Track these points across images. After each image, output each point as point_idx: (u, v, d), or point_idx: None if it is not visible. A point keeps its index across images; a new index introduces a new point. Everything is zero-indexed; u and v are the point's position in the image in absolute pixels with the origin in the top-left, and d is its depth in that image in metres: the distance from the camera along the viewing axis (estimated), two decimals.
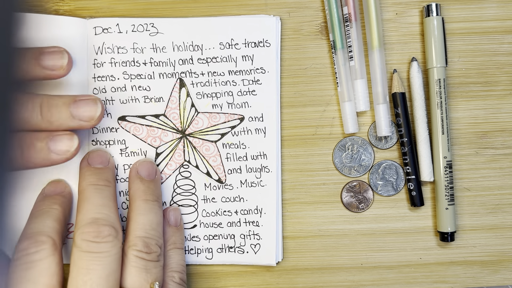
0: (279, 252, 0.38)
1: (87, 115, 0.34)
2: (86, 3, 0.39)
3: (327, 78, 0.39)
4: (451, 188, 0.38)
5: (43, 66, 0.34)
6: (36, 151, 0.33)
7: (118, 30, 0.38)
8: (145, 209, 0.35)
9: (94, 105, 0.34)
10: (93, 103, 0.34)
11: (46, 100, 0.33)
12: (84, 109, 0.34)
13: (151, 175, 0.37)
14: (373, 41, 0.38)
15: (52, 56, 0.34)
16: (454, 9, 0.39)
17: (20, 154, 0.33)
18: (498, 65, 0.39)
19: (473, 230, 0.39)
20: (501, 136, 0.39)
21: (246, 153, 0.38)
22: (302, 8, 0.39)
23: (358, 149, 0.39)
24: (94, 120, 0.34)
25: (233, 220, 0.38)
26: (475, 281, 0.39)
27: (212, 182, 0.38)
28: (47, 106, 0.33)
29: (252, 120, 0.38)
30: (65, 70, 0.34)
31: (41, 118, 0.33)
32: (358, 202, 0.39)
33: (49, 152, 0.33)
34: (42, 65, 0.34)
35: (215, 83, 0.38)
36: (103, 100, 0.38)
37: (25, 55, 0.33)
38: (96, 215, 0.33)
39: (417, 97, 0.38)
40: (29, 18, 0.37)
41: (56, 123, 0.33)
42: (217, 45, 0.38)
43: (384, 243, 0.39)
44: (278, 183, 0.38)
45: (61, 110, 0.33)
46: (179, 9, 0.39)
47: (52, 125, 0.33)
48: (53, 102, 0.33)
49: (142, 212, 0.35)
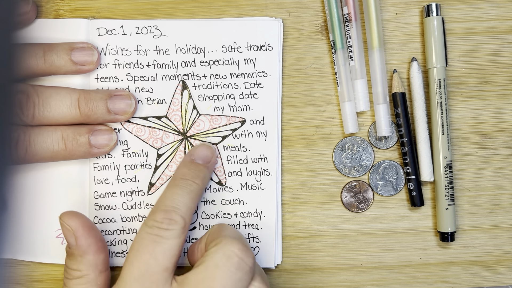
0: (278, 255, 0.38)
1: (122, 109, 0.36)
2: (87, 3, 0.39)
3: (327, 78, 0.39)
4: (451, 188, 0.38)
5: (74, 62, 0.36)
6: (78, 145, 0.35)
7: (122, 32, 0.38)
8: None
9: (128, 100, 0.37)
10: (127, 98, 0.37)
11: (83, 95, 0.36)
12: (119, 104, 0.36)
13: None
14: (373, 41, 0.38)
15: (83, 52, 0.36)
16: (454, 9, 0.39)
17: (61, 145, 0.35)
18: (498, 65, 0.39)
19: (473, 230, 0.39)
20: (501, 136, 0.39)
21: (246, 156, 0.38)
22: (302, 8, 0.39)
23: (358, 149, 0.39)
24: (128, 114, 0.37)
25: (233, 223, 0.38)
26: (475, 281, 0.39)
27: (212, 184, 0.38)
28: (84, 100, 0.35)
29: (253, 123, 0.38)
30: (94, 66, 0.37)
31: (79, 112, 0.35)
32: (358, 202, 0.39)
33: (90, 146, 0.36)
34: (73, 60, 0.36)
35: (217, 85, 0.38)
36: None
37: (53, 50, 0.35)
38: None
39: (417, 97, 0.38)
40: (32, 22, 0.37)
41: (94, 117, 0.36)
42: (220, 48, 0.38)
43: (384, 243, 0.39)
44: (278, 186, 0.38)
45: (98, 104, 0.36)
46: (179, 9, 0.39)
47: (89, 119, 0.36)
48: (90, 97, 0.36)
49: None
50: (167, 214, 0.32)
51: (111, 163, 0.38)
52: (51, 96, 0.35)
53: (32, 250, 0.38)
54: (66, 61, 0.36)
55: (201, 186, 0.35)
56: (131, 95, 0.37)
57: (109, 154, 0.38)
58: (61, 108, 0.35)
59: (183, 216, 0.33)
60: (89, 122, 0.36)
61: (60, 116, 0.35)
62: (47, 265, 0.39)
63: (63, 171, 0.38)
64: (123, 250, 0.38)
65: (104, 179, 0.38)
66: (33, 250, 0.38)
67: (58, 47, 0.36)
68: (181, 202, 0.33)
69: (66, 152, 0.35)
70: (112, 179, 0.38)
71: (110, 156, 0.38)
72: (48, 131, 0.35)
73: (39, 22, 0.38)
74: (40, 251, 0.38)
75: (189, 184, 0.34)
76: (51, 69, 0.36)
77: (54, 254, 0.38)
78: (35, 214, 0.38)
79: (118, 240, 0.38)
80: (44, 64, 0.35)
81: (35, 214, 0.38)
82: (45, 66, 0.36)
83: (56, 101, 0.35)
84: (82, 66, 0.36)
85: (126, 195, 0.38)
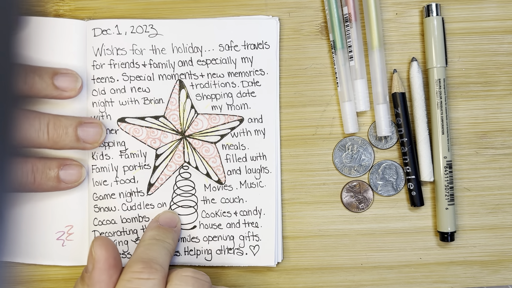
0: (279, 253, 0.38)
1: (91, 138, 0.36)
2: (86, 3, 0.39)
3: (327, 78, 0.39)
4: (451, 188, 0.38)
5: (56, 86, 0.35)
6: (47, 179, 0.35)
7: (117, 32, 0.38)
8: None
9: (99, 128, 0.36)
10: (98, 126, 0.36)
11: (53, 120, 0.35)
12: (89, 132, 0.36)
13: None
14: (373, 41, 0.38)
15: (67, 77, 0.36)
16: (454, 9, 0.39)
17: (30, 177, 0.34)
18: (498, 65, 0.39)
19: (473, 230, 0.39)
20: (501, 136, 0.39)
21: (245, 154, 0.38)
22: (302, 8, 0.39)
23: (358, 149, 0.39)
24: (97, 143, 0.36)
25: (233, 221, 0.38)
26: (475, 281, 0.39)
27: (212, 183, 0.38)
28: (53, 126, 0.34)
29: (252, 121, 0.38)
30: (76, 92, 0.36)
31: (48, 138, 0.34)
32: (358, 202, 0.39)
33: (59, 181, 0.35)
34: (56, 85, 0.35)
35: (214, 84, 0.38)
36: (101, 102, 0.38)
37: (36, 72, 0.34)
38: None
39: (417, 97, 0.38)
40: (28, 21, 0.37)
41: (62, 143, 0.35)
42: (217, 46, 0.38)
43: (384, 243, 0.39)
44: (277, 184, 0.38)
45: (68, 131, 0.35)
46: (178, 9, 0.39)
47: (57, 145, 0.35)
48: (60, 123, 0.35)
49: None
50: (147, 264, 0.31)
51: (109, 164, 0.38)
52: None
53: (32, 252, 0.38)
54: (48, 85, 0.35)
55: (172, 246, 0.35)
56: (102, 124, 0.37)
57: (107, 156, 0.38)
58: (29, 132, 0.34)
59: (163, 266, 0.32)
60: (57, 148, 0.35)
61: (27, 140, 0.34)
62: (47, 266, 0.39)
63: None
64: (124, 251, 0.38)
65: (103, 181, 0.38)
66: (33, 252, 0.38)
67: (42, 70, 0.35)
68: (158, 254, 0.33)
69: (34, 186, 0.35)
70: (111, 180, 0.38)
71: (108, 157, 0.38)
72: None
73: (35, 21, 0.38)
74: (39, 253, 0.38)
75: (161, 242, 0.34)
76: (30, 91, 0.35)
77: (54, 256, 0.38)
78: (35, 216, 0.38)
79: (119, 242, 0.38)
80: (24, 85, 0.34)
81: (35, 217, 0.38)
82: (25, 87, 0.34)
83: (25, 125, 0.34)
84: (63, 91, 0.36)
85: (125, 196, 0.38)
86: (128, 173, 0.38)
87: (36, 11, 0.38)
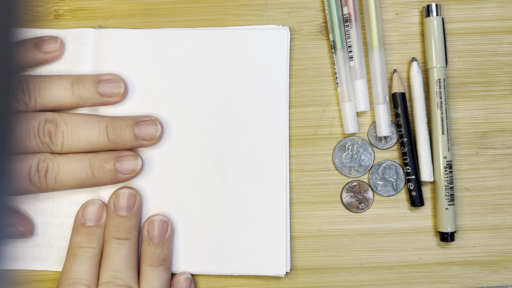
0: (288, 261, 0.38)
1: (149, 135, 0.36)
2: (86, 3, 0.39)
3: (327, 78, 0.39)
4: (451, 188, 0.38)
5: (101, 94, 0.36)
6: (104, 172, 0.36)
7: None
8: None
9: (154, 125, 0.37)
10: (154, 123, 0.37)
11: (111, 122, 0.36)
12: (146, 130, 0.36)
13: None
14: (373, 41, 0.38)
15: (110, 84, 0.37)
16: (454, 9, 0.39)
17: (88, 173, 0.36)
18: (498, 65, 0.39)
19: (473, 230, 0.39)
20: (501, 136, 0.39)
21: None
22: (302, 8, 0.39)
23: (358, 149, 0.39)
24: (155, 140, 0.37)
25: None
26: (475, 281, 0.39)
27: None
28: (112, 128, 0.36)
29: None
30: (121, 97, 0.37)
31: (108, 139, 0.35)
32: (358, 202, 0.39)
33: (116, 172, 0.36)
34: (100, 92, 0.36)
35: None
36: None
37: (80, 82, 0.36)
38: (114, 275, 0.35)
39: (417, 97, 0.38)
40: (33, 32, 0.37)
41: (121, 144, 0.36)
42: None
43: (384, 243, 0.39)
44: (286, 186, 0.38)
45: (126, 131, 0.36)
46: (179, 9, 0.39)
47: (117, 146, 0.36)
48: (117, 125, 0.36)
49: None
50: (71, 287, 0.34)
51: None
52: (79, 125, 0.35)
53: (28, 258, 0.38)
54: (93, 94, 0.36)
55: (98, 249, 0.36)
56: (157, 120, 0.37)
57: None
58: (90, 136, 0.35)
59: (89, 285, 0.34)
60: (117, 148, 0.36)
61: (89, 144, 0.35)
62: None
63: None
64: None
65: None
66: (29, 258, 0.38)
67: (85, 80, 0.36)
68: (82, 272, 0.34)
69: (93, 180, 0.36)
70: None
71: None
72: (77, 160, 0.35)
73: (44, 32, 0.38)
74: (35, 257, 0.38)
75: (85, 251, 0.35)
76: (79, 102, 0.36)
77: (50, 261, 0.38)
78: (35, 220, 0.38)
79: None
80: (72, 97, 0.36)
81: (35, 220, 0.38)
82: (73, 98, 0.36)
83: (85, 130, 0.35)
84: (109, 98, 0.37)
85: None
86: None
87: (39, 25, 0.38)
